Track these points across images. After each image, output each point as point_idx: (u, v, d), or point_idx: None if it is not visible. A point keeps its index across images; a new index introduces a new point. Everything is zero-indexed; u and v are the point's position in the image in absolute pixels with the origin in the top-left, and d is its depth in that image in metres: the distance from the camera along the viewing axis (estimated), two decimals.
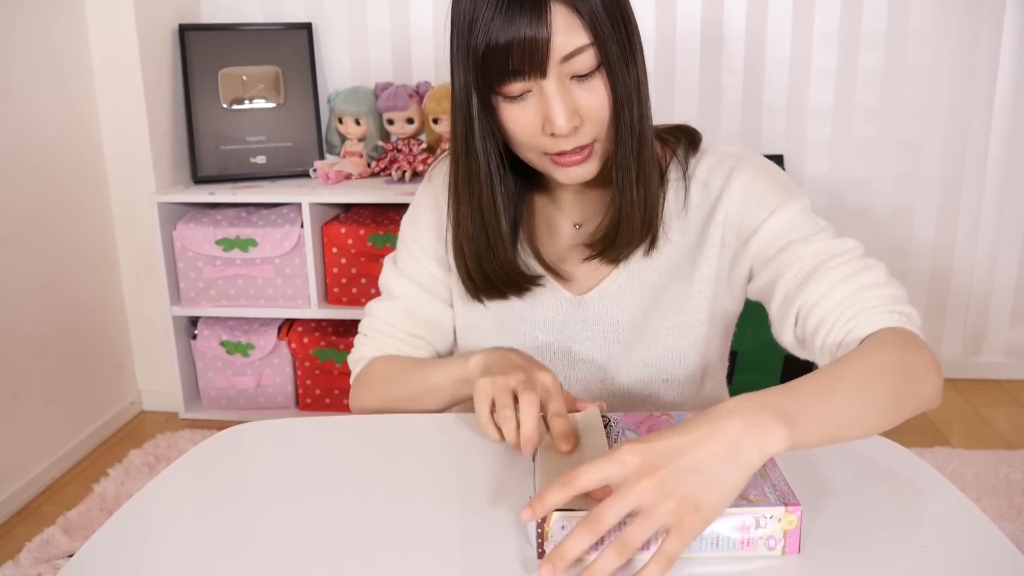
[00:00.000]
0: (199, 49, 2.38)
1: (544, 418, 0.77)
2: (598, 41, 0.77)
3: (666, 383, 0.93)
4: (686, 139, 0.93)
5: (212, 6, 2.53)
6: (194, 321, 2.41)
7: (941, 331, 2.59)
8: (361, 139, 2.45)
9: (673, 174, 0.92)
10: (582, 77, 0.78)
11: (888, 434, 0.80)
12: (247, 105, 2.42)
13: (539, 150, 0.82)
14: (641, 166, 0.84)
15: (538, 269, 0.93)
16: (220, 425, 1.66)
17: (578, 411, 0.80)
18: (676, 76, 2.45)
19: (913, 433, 2.24)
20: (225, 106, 2.40)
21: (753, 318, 1.11)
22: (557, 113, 0.77)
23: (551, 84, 0.77)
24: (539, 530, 0.62)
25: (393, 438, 0.87)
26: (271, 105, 2.43)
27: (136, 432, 2.38)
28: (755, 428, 0.60)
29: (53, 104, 2.14)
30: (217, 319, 2.40)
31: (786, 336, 0.86)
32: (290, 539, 0.68)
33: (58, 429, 2.16)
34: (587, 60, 0.77)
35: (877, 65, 2.41)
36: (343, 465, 0.80)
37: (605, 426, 0.77)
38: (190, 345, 2.41)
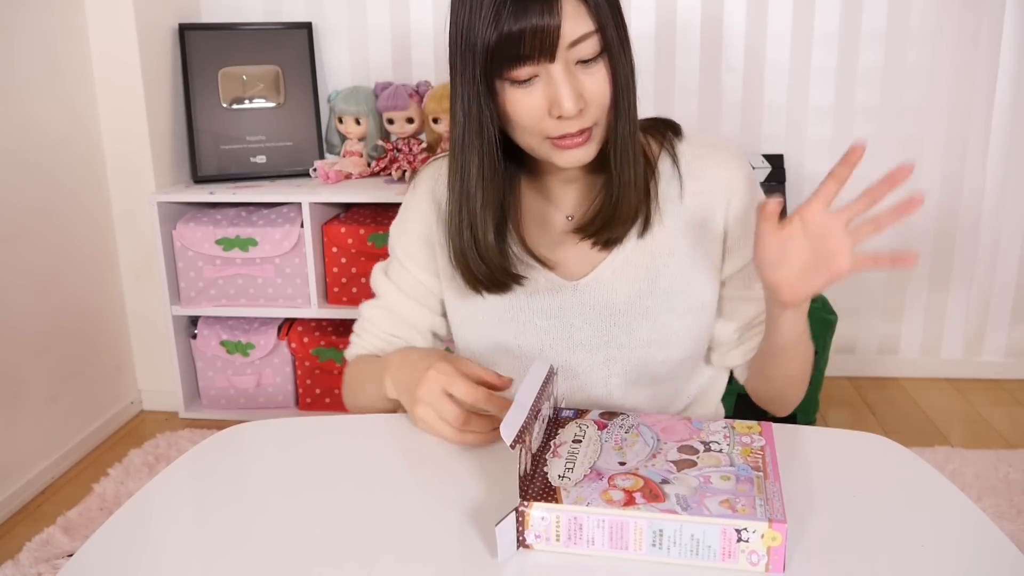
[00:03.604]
0: (199, 49, 2.38)
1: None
2: (601, 28, 0.81)
3: (663, 363, 0.95)
4: (670, 130, 0.97)
5: (212, 6, 2.52)
6: (194, 321, 2.41)
7: (941, 331, 2.59)
8: (361, 139, 2.45)
9: (665, 162, 0.95)
10: (586, 62, 0.82)
11: (888, 434, 0.80)
12: (247, 105, 2.42)
13: (542, 134, 0.84)
14: (636, 148, 0.88)
15: (529, 260, 0.95)
16: (220, 425, 1.67)
17: (488, 383, 0.84)
18: (676, 75, 2.45)
19: (913, 433, 2.24)
20: (225, 106, 2.40)
21: None
22: (564, 96, 0.80)
23: (558, 68, 0.80)
24: (519, 519, 0.64)
25: (393, 438, 0.87)
26: (271, 105, 2.43)
27: (136, 432, 2.38)
28: None
29: (53, 104, 2.14)
30: (217, 319, 2.40)
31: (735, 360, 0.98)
32: (290, 538, 0.68)
33: (58, 429, 2.16)
34: (592, 46, 0.81)
35: (877, 65, 2.41)
36: (343, 465, 0.80)
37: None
38: (190, 345, 2.41)
